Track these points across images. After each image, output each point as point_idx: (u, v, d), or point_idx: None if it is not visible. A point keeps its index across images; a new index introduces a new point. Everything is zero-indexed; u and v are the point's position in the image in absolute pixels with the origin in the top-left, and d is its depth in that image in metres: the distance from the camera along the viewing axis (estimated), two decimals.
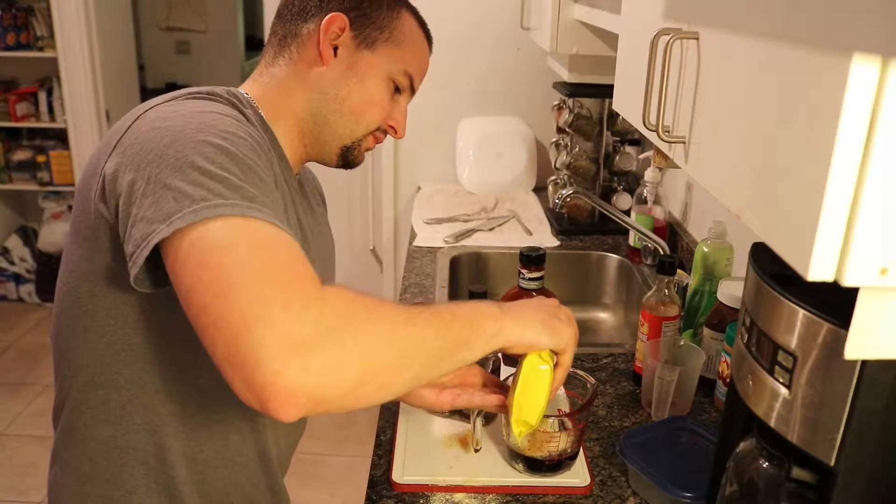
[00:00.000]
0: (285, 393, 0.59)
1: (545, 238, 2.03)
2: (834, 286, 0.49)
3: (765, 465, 0.75)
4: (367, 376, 0.65)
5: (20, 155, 3.65)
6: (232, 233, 0.66)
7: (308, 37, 0.94)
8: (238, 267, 0.63)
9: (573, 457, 1.06)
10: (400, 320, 0.68)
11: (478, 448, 1.08)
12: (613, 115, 2.05)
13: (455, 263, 1.89)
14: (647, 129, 0.88)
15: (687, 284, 1.42)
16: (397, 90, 0.98)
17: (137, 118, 0.79)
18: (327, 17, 0.92)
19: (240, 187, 0.69)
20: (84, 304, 0.84)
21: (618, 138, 2.10)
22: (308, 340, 0.60)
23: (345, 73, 0.94)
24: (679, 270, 1.51)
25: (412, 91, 1.00)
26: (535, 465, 1.05)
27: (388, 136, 1.02)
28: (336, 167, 1.01)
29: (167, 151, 0.71)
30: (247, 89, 0.95)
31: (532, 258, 1.33)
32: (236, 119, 0.81)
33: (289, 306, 0.61)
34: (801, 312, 0.64)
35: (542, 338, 0.82)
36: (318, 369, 0.60)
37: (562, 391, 1.16)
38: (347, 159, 0.99)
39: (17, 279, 3.79)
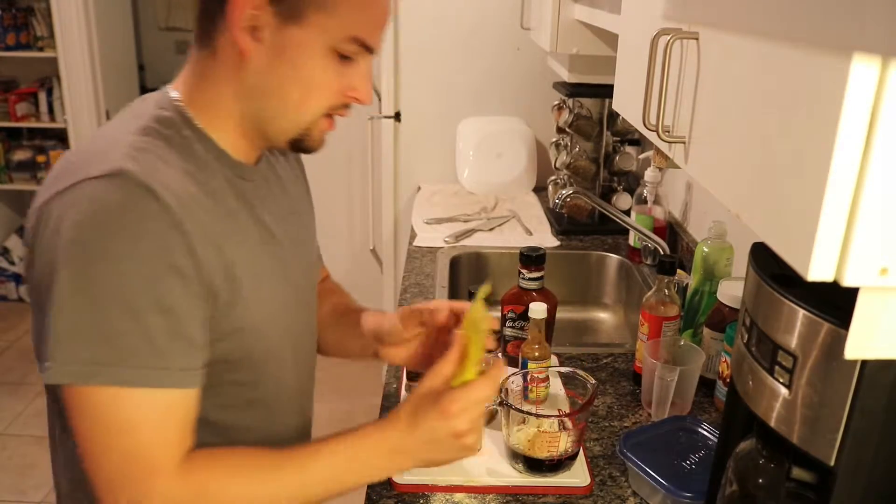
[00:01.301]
0: None
1: (545, 238, 2.03)
2: (834, 286, 0.49)
3: (765, 465, 0.75)
4: None
5: (20, 155, 3.65)
6: (96, 409, 0.72)
7: (223, 22, 0.77)
8: (98, 449, 0.73)
9: (573, 457, 1.06)
10: None
11: (478, 448, 1.08)
12: (613, 115, 2.05)
13: (455, 263, 1.89)
14: (647, 129, 0.88)
15: (687, 284, 1.42)
16: (348, 57, 0.80)
17: (53, 197, 0.73)
18: None
19: (120, 339, 0.70)
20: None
21: (618, 138, 2.10)
22: None
23: (271, 62, 0.77)
24: (679, 270, 1.51)
25: (370, 50, 0.81)
26: (535, 465, 1.05)
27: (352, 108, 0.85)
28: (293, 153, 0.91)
29: (62, 273, 0.69)
30: (179, 89, 0.83)
31: (532, 258, 1.33)
32: (141, 217, 0.71)
33: None
34: (801, 312, 0.64)
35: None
36: None
37: (562, 391, 1.17)
38: (301, 148, 0.85)
39: (17, 279, 3.79)
